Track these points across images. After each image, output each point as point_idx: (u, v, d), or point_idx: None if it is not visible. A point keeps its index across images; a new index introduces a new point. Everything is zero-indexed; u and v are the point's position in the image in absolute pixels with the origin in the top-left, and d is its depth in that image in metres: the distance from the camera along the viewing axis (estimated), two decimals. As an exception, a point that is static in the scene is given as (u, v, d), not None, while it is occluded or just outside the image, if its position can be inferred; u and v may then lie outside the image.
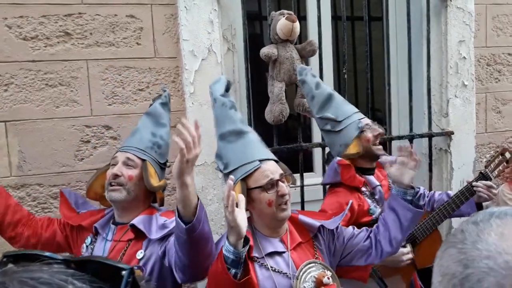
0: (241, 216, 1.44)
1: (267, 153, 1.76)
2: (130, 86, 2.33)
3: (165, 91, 2.01)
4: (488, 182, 2.20)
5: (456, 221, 2.81)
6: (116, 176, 1.74)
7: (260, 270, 1.65)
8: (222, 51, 2.45)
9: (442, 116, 2.94)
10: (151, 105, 1.99)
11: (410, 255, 2.10)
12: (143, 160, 1.80)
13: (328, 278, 1.64)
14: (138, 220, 1.74)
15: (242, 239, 1.47)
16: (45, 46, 2.20)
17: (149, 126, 1.89)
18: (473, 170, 2.93)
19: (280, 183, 1.67)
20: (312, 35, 2.67)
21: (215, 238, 1.77)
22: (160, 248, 1.71)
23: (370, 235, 1.86)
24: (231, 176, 1.51)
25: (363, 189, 2.10)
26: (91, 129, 2.29)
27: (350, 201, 1.97)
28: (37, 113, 2.21)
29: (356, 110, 2.16)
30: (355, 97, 3.43)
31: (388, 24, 2.70)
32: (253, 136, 1.79)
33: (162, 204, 1.92)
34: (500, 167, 2.29)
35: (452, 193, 2.32)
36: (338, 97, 2.17)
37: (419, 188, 2.38)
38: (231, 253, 1.46)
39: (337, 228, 1.85)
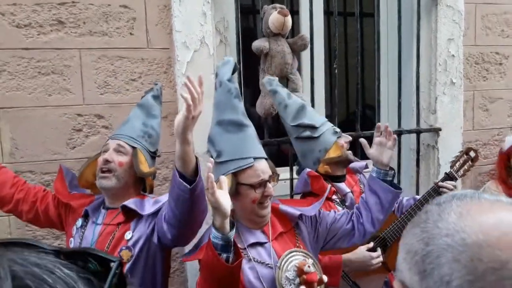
0: (224, 197, 1.46)
1: (261, 151, 1.79)
2: (122, 76, 2.35)
3: (156, 84, 2.07)
4: (454, 183, 2.25)
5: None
6: (107, 161, 1.78)
7: (243, 261, 1.66)
8: (215, 43, 2.47)
9: (430, 112, 2.99)
10: (143, 97, 2.03)
11: (380, 259, 2.14)
12: (134, 148, 1.84)
13: (309, 266, 1.67)
14: (130, 201, 1.77)
15: (228, 222, 1.49)
16: (38, 34, 2.21)
17: (140, 116, 1.93)
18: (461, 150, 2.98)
19: (268, 184, 1.72)
20: (304, 30, 2.70)
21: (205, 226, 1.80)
22: (148, 226, 1.74)
23: (352, 217, 1.91)
24: (211, 159, 1.53)
25: (334, 197, 2.17)
26: (83, 118, 2.31)
27: (329, 186, 2.00)
28: (29, 101, 2.23)
29: (326, 119, 2.23)
30: (346, 93, 3.47)
31: (379, 21, 2.74)
32: (251, 131, 1.80)
33: (151, 192, 1.95)
34: (465, 167, 2.32)
35: (418, 197, 2.35)
36: (309, 107, 2.23)
37: None
38: (219, 239, 1.48)
39: (319, 213, 1.89)
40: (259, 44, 2.32)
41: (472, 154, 2.33)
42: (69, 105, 2.29)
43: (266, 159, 1.78)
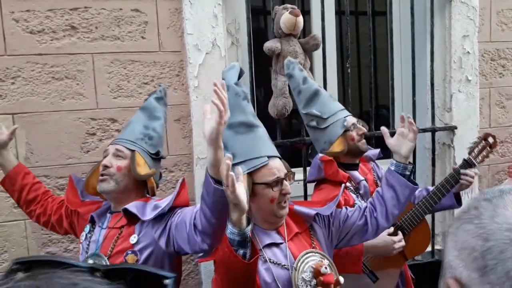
0: (242, 192, 1.45)
1: (274, 149, 1.78)
2: (135, 79, 2.36)
3: (160, 85, 2.05)
4: (475, 170, 2.19)
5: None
6: (105, 167, 1.78)
7: (259, 263, 1.65)
8: (226, 45, 2.47)
9: (445, 110, 2.94)
10: (146, 100, 2.00)
11: (402, 243, 2.11)
12: (133, 151, 1.81)
13: (326, 268, 1.66)
14: (131, 205, 1.75)
15: (245, 218, 1.48)
16: (51, 40, 2.23)
17: (142, 119, 1.90)
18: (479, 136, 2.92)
19: (285, 181, 1.70)
20: (316, 30, 2.68)
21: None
22: (156, 230, 1.72)
23: (365, 213, 1.88)
24: (228, 155, 1.51)
25: (348, 184, 2.12)
26: (97, 122, 2.33)
27: (343, 185, 1.97)
28: (43, 106, 2.25)
29: (342, 107, 2.17)
30: (358, 92, 3.44)
31: (391, 19, 2.71)
32: (262, 131, 1.79)
33: (153, 194, 1.91)
34: (484, 153, 2.25)
35: (431, 188, 2.31)
36: (324, 93, 2.18)
37: None
38: (235, 234, 1.47)
39: (331, 213, 1.87)
40: (270, 45, 2.31)
41: (490, 140, 2.26)
42: (82, 109, 2.30)
43: (280, 158, 1.77)
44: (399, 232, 2.16)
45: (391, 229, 2.13)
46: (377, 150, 2.37)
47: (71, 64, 2.27)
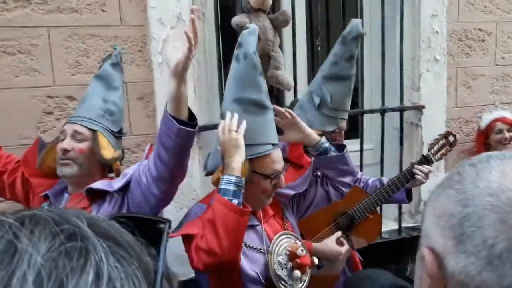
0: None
1: (277, 137, 1.67)
2: (95, 55, 2.22)
3: (115, 49, 1.82)
4: (430, 167, 2.20)
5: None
6: (65, 151, 1.63)
7: None
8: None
9: (413, 90, 2.94)
10: (100, 66, 1.80)
11: (346, 247, 2.05)
12: (94, 131, 1.67)
13: (302, 250, 1.62)
14: (96, 183, 1.64)
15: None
16: (1, 11, 2.06)
17: (99, 91, 1.72)
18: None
19: (281, 175, 1.64)
20: (285, 6, 2.60)
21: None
22: (114, 206, 1.62)
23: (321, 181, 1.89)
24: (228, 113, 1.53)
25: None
26: (54, 100, 2.19)
27: (312, 162, 1.89)
28: (-6, 82, 2.10)
29: (348, 109, 2.08)
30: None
31: (362, -4, 2.66)
32: (271, 114, 1.66)
33: (118, 176, 1.78)
34: (443, 151, 2.27)
35: (385, 179, 2.31)
36: (350, 86, 2.02)
37: (358, 172, 2.35)
38: (232, 184, 1.45)
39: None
40: (239, 20, 2.22)
41: (451, 138, 2.29)
42: (38, 86, 2.16)
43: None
44: (343, 236, 2.13)
45: (339, 233, 2.09)
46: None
47: (24, 38, 2.11)
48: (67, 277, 0.33)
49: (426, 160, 2.22)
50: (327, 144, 1.76)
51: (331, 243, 1.96)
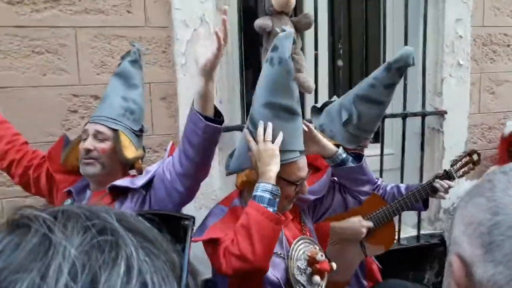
0: None
1: (303, 144, 1.66)
2: (120, 55, 2.24)
3: (134, 45, 1.81)
4: (451, 183, 2.17)
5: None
6: (88, 151, 1.65)
7: None
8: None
9: (436, 95, 2.91)
10: (119, 64, 1.80)
11: (370, 223, 2.04)
12: (115, 130, 1.68)
13: (322, 255, 1.62)
14: (119, 181, 1.65)
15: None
16: (31, 12, 2.12)
17: (119, 89, 1.73)
18: (465, 150, 2.92)
19: (304, 183, 1.64)
20: (308, 9, 2.61)
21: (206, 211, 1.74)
22: (136, 203, 1.64)
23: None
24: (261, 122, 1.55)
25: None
26: (79, 99, 2.23)
27: (329, 169, 1.85)
28: (22, 81, 2.15)
29: (374, 130, 2.05)
30: (349, 74, 3.38)
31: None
32: (301, 121, 1.64)
33: (141, 174, 1.79)
34: (466, 168, 2.24)
35: (403, 186, 2.29)
36: (382, 110, 1.97)
37: (378, 179, 2.34)
38: (268, 192, 1.46)
39: None
40: (261, 22, 2.23)
41: (475, 157, 2.25)
42: (64, 85, 2.21)
43: None
44: (366, 225, 2.12)
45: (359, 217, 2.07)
46: None
47: (53, 38, 2.16)
48: (100, 269, 0.34)
49: (447, 176, 2.20)
50: (344, 155, 1.72)
51: (356, 221, 1.94)
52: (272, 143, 1.52)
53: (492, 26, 3.03)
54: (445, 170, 2.23)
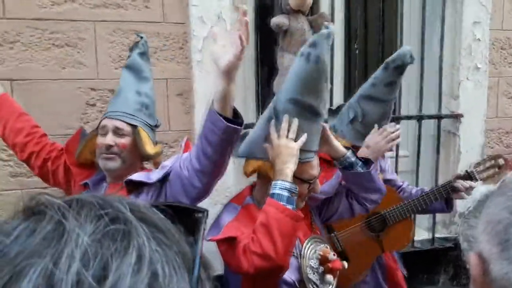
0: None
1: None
2: (137, 50, 2.29)
3: (141, 37, 1.80)
4: (472, 183, 2.12)
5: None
6: (109, 146, 1.66)
7: None
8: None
9: (452, 98, 2.89)
10: (129, 56, 1.81)
11: (398, 131, 1.99)
12: (133, 126, 1.69)
13: (334, 255, 1.61)
14: (135, 175, 1.66)
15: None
16: (52, 5, 2.16)
17: (132, 83, 1.74)
18: (481, 155, 2.89)
19: (317, 181, 1.64)
20: (324, 8, 2.61)
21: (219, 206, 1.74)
22: (151, 197, 1.65)
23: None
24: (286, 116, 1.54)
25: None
26: (97, 93, 2.27)
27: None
28: (42, 73, 2.19)
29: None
30: (364, 74, 3.37)
31: (402, 0, 2.64)
32: (321, 122, 1.65)
33: (155, 166, 1.82)
34: (490, 172, 2.17)
35: (427, 189, 2.26)
36: (386, 108, 2.03)
37: (403, 182, 2.34)
38: (286, 190, 1.45)
39: None
40: (278, 20, 2.25)
41: (501, 161, 2.18)
42: (83, 78, 2.24)
43: None
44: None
45: None
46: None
47: (72, 31, 2.20)
48: (112, 257, 0.34)
49: (469, 177, 2.16)
50: (353, 159, 1.70)
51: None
52: (295, 141, 1.52)
53: (511, 30, 2.99)
54: (466, 171, 2.20)
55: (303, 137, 1.53)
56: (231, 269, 1.58)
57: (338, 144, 1.72)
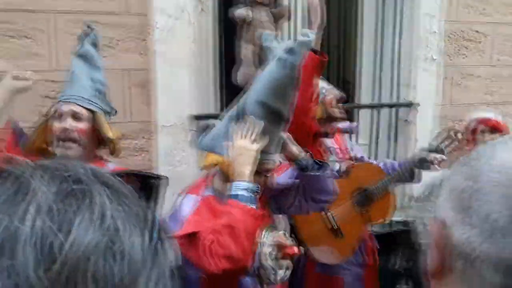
0: None
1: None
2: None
3: (92, 29, 1.77)
4: (443, 156, 2.22)
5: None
6: (65, 130, 1.60)
7: None
8: (196, 12, 2.39)
9: (409, 88, 2.99)
10: (81, 46, 1.75)
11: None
12: (92, 111, 1.66)
13: (293, 241, 1.66)
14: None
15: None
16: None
17: (86, 71, 1.70)
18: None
19: (274, 174, 1.71)
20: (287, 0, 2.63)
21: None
22: None
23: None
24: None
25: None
26: (57, 85, 2.21)
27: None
28: (-2, 65, 2.11)
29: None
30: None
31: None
32: (284, 126, 1.68)
33: (117, 155, 1.78)
34: (453, 145, 2.26)
35: (396, 162, 2.38)
36: None
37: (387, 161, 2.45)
38: (248, 190, 1.48)
39: None
40: (242, 13, 2.25)
41: (459, 135, 2.27)
42: (39, 70, 2.17)
43: None
44: None
45: None
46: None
47: (28, 22, 2.13)
48: (75, 213, 0.37)
49: (436, 151, 2.24)
50: (305, 162, 1.74)
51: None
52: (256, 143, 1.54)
53: (464, 23, 3.10)
54: (434, 145, 2.27)
55: (264, 141, 1.55)
56: (192, 263, 1.59)
57: (294, 148, 1.76)
